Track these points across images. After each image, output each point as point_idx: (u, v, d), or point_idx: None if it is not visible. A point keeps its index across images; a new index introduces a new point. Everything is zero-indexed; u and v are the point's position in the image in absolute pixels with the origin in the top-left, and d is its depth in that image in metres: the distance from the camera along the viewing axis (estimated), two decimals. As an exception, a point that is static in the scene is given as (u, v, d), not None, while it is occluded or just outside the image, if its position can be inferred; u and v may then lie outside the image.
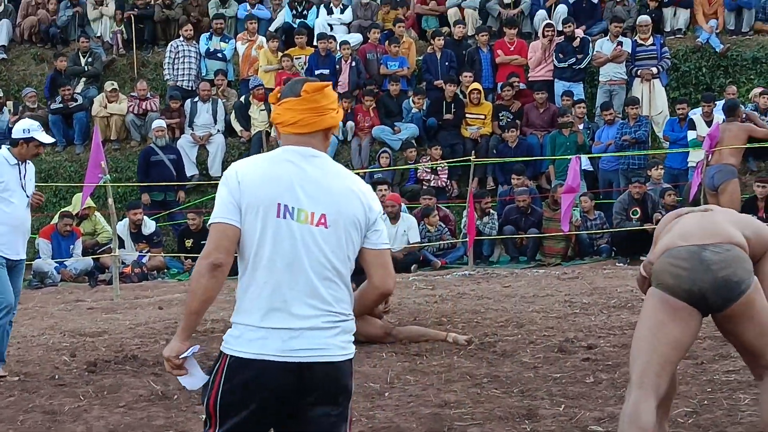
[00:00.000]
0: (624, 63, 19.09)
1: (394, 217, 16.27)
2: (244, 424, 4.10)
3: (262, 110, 19.27)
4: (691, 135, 17.25)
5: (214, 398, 4.13)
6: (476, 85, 19.15)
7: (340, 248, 4.15)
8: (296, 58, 20.21)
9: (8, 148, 8.95)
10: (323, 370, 4.09)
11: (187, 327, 4.23)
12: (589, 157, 17.81)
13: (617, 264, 15.53)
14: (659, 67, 18.82)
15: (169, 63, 20.47)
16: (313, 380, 4.08)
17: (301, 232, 4.10)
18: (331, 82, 4.41)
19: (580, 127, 18.17)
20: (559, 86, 19.35)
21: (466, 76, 19.34)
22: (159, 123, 18.45)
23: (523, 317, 10.76)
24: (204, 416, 4.23)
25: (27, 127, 8.99)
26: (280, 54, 20.16)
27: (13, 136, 8.93)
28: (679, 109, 17.85)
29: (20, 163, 8.91)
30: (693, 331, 5.28)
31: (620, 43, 19.11)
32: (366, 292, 4.35)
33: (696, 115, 17.72)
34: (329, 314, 4.12)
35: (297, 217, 4.11)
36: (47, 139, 9.22)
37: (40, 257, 16.38)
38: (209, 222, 4.22)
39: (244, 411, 4.09)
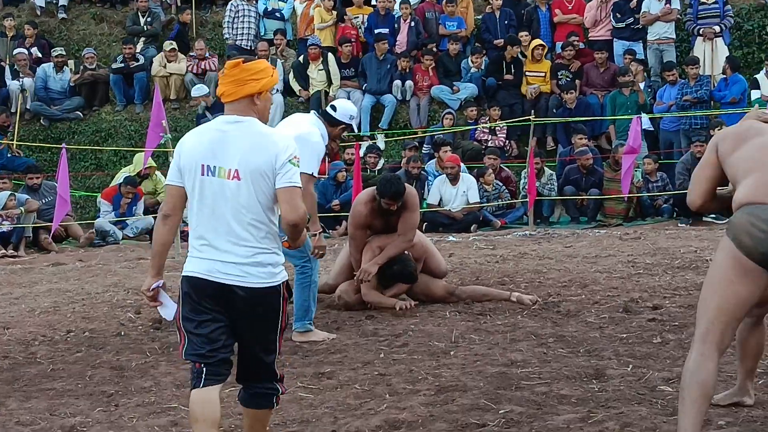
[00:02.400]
0: (672, 22, 18.86)
1: (454, 178, 16.23)
2: (200, 335, 5.08)
3: (320, 70, 19.25)
4: (755, 94, 17.05)
5: (179, 312, 5.19)
6: (538, 41, 19.08)
7: (251, 195, 5.06)
8: (354, 18, 20.16)
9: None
10: (241, 293, 5.06)
11: (153, 266, 5.42)
12: (650, 118, 17.62)
13: (679, 225, 15.40)
14: (722, 25, 18.52)
15: (228, 22, 20.42)
16: (235, 300, 5.08)
17: (220, 185, 5.08)
18: (244, 58, 5.25)
19: (641, 86, 17.98)
20: (619, 45, 19.14)
21: (523, 36, 19.23)
22: (201, 89, 18.77)
23: (586, 277, 10.69)
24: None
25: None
26: (334, 13, 20.11)
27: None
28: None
29: None
30: (762, 290, 5.17)
31: (668, 1, 18.83)
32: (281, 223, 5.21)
33: (760, 74, 17.49)
34: (247, 248, 5.07)
35: (218, 174, 5.08)
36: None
37: (100, 216, 16.55)
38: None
39: (195, 321, 5.09)
